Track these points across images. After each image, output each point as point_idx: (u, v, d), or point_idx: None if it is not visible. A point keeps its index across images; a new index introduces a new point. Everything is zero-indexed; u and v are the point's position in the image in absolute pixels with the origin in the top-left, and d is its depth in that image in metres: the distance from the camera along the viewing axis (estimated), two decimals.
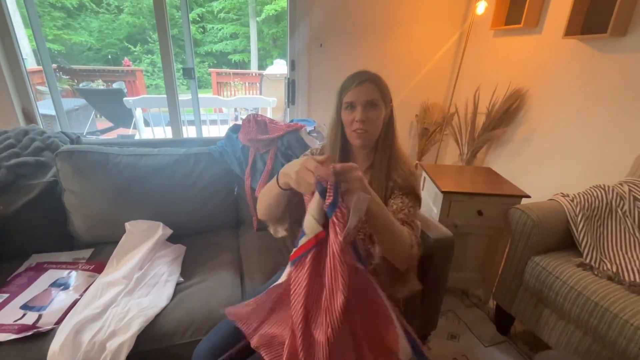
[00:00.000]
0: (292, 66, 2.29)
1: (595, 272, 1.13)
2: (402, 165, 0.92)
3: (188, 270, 1.15)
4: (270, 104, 3.53)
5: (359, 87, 0.86)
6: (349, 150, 0.97)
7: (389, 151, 0.93)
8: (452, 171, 1.73)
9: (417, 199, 0.90)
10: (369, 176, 0.93)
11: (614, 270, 1.13)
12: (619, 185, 1.32)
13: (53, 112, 2.73)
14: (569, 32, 1.62)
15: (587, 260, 1.17)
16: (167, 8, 2.01)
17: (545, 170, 1.90)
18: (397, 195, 0.89)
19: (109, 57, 9.24)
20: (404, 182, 0.89)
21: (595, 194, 1.31)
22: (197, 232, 1.37)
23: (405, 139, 2.74)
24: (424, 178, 1.75)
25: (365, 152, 0.95)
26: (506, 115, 2.08)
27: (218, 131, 3.50)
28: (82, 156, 1.21)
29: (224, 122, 3.66)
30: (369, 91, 0.87)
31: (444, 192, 1.44)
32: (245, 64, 9.76)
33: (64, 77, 5.14)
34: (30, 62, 4.96)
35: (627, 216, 1.26)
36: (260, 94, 5.00)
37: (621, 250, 1.21)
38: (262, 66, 9.09)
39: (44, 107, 2.94)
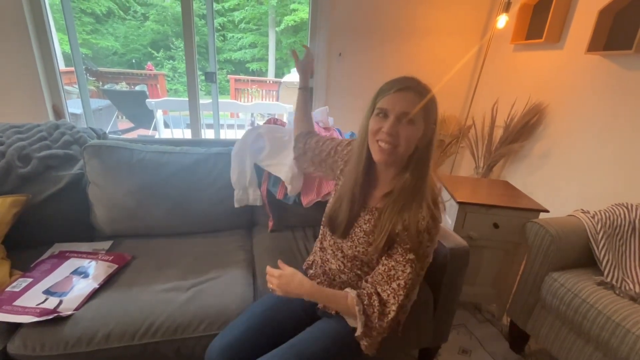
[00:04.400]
0: (311, 74, 2.33)
1: (617, 292, 1.10)
2: (424, 212, 0.75)
3: (203, 267, 1.16)
4: (287, 110, 3.59)
5: (398, 94, 0.73)
6: (373, 167, 0.83)
7: (417, 182, 0.76)
8: (468, 182, 1.72)
9: (419, 261, 0.76)
10: (383, 205, 0.80)
11: (637, 290, 1.09)
12: None
13: (78, 111, 2.85)
14: (592, 47, 1.61)
15: (609, 279, 1.14)
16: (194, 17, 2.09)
17: (563, 186, 1.86)
18: (399, 254, 0.75)
19: (133, 61, 9.60)
20: (414, 239, 0.74)
21: (617, 212, 1.28)
22: (212, 230, 1.40)
23: None
24: (439, 188, 1.74)
25: (390, 174, 0.82)
26: (525, 129, 2.05)
27: (234, 135, 3.57)
28: (109, 151, 1.25)
29: (240, 126, 3.74)
30: (409, 102, 0.73)
31: (459, 203, 1.42)
32: (262, 73, 9.98)
33: (90, 78, 5.37)
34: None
35: None
36: (278, 100, 5.09)
37: None
38: (278, 75, 9.27)
39: (71, 106, 3.08)
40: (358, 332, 0.77)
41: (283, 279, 0.80)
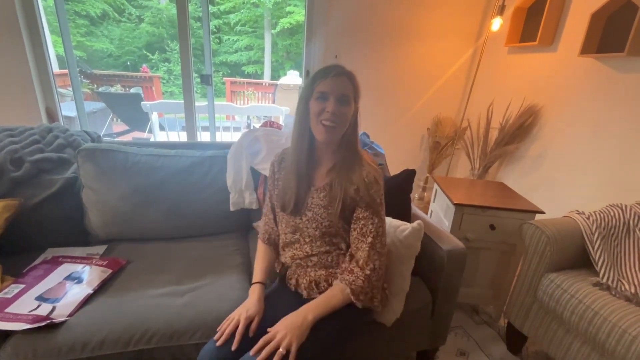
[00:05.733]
0: (307, 76, 2.34)
1: (613, 292, 1.11)
2: (366, 168, 0.90)
3: (198, 271, 1.15)
4: (282, 112, 3.58)
5: (335, 79, 0.85)
6: (315, 149, 0.94)
7: (352, 152, 0.91)
8: (465, 184, 1.72)
9: (380, 210, 0.89)
10: (330, 179, 0.91)
11: (632, 291, 1.09)
12: (637, 205, 1.30)
13: (72, 114, 2.82)
14: (585, 50, 1.63)
15: (604, 280, 1.14)
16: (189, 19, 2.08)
17: (559, 187, 1.88)
18: (363, 211, 0.88)
19: (128, 63, 9.55)
20: (367, 193, 0.87)
21: (611, 212, 1.29)
22: (208, 233, 1.39)
23: (417, 152, 2.75)
24: (435, 190, 1.75)
25: (330, 151, 0.93)
26: (520, 131, 2.07)
27: (230, 138, 3.56)
28: (103, 154, 1.24)
29: (236, 129, 3.72)
30: (345, 85, 0.85)
31: (455, 205, 1.43)
32: (258, 75, 9.97)
33: (85, 81, 5.33)
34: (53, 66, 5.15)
35: None
36: (274, 102, 5.09)
37: (639, 271, 1.18)
38: (274, 77, 9.27)
39: (64, 108, 3.05)
40: (348, 297, 0.86)
41: (286, 328, 0.78)
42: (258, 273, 0.99)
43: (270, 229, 1.05)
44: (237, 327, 0.82)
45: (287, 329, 0.77)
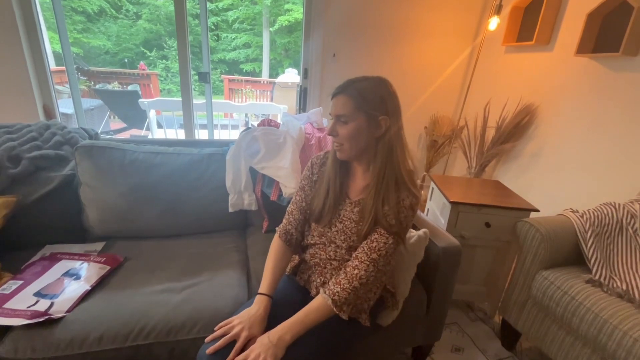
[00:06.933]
0: (305, 74, 2.34)
1: (605, 289, 1.12)
2: (404, 194, 0.84)
3: (196, 268, 1.16)
4: (281, 110, 3.59)
5: (333, 101, 0.85)
6: (349, 163, 0.94)
7: (389, 173, 0.84)
8: (461, 182, 1.74)
9: (401, 233, 0.86)
10: (365, 195, 0.89)
11: (624, 288, 1.11)
12: (630, 204, 1.31)
13: (69, 111, 2.82)
14: (581, 50, 1.64)
15: (597, 277, 1.16)
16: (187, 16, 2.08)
17: (554, 186, 1.90)
18: (381, 229, 0.84)
19: (125, 60, 9.50)
20: (396, 216, 0.83)
21: (605, 211, 1.31)
22: (206, 231, 1.39)
23: (414, 151, 2.76)
24: (432, 188, 1.76)
25: (361, 167, 0.91)
26: (516, 130, 2.08)
27: (228, 135, 3.56)
28: (101, 151, 1.24)
29: (234, 127, 3.72)
30: (340, 105, 0.83)
31: (452, 203, 1.44)
32: (256, 73, 9.94)
33: (82, 78, 5.30)
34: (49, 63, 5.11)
35: (637, 235, 1.25)
36: (272, 100, 5.08)
37: (631, 268, 1.19)
38: (272, 75, 9.26)
39: (61, 105, 3.04)
40: (330, 309, 0.81)
41: (261, 346, 0.74)
42: (267, 283, 0.89)
43: (293, 229, 0.98)
44: (232, 340, 0.78)
45: (261, 348, 0.74)
